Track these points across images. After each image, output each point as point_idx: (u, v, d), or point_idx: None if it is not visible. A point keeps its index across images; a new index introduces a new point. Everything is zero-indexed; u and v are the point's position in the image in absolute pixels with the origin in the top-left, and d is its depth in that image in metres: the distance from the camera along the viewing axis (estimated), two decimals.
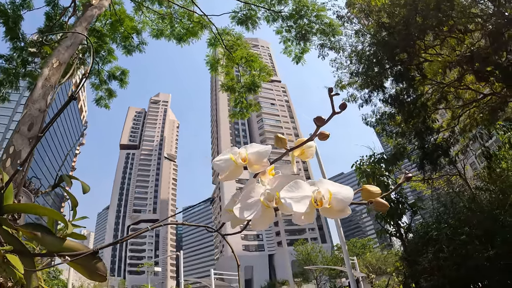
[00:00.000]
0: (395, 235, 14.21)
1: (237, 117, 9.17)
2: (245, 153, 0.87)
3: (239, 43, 8.43)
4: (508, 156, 13.94)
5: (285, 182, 0.80)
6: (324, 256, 51.60)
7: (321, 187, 0.77)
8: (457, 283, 9.36)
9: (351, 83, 15.23)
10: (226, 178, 0.90)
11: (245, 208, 0.81)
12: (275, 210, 0.83)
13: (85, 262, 0.96)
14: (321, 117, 0.83)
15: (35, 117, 2.90)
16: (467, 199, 12.29)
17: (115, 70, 9.13)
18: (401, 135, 15.17)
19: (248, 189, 0.85)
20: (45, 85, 3.10)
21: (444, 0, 10.53)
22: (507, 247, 9.06)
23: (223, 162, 0.89)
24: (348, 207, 0.77)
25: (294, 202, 0.75)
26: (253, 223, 0.83)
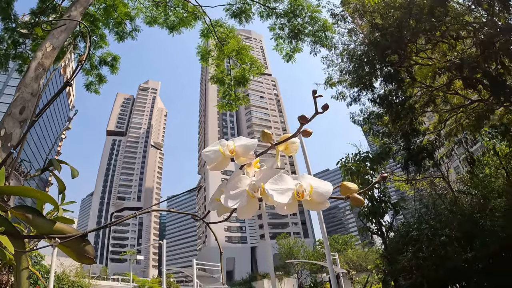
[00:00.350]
0: (376, 233, 14.39)
1: (225, 109, 9.17)
2: (232, 145, 0.93)
3: (231, 36, 8.41)
4: (492, 162, 14.20)
5: (270, 175, 0.87)
6: (306, 251, 52.04)
7: (303, 181, 0.83)
8: (435, 283, 9.57)
9: (341, 81, 15.32)
10: (214, 168, 0.96)
11: (231, 198, 0.87)
12: (259, 201, 0.88)
13: (74, 245, 0.97)
14: (305, 116, 0.89)
15: (27, 101, 2.89)
16: (449, 202, 12.52)
17: (106, 56, 9.02)
18: (388, 135, 15.36)
19: (235, 180, 0.90)
20: (38, 69, 3.08)
21: (438, 5, 10.63)
22: (486, 251, 9.30)
23: (212, 153, 0.95)
24: (327, 200, 0.84)
25: (277, 193, 0.81)
26: (238, 212, 0.88)
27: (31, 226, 1.01)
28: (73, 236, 0.96)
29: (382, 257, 13.87)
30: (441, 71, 11.32)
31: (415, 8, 11.05)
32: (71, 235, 0.97)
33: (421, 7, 10.99)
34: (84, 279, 30.24)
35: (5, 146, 2.60)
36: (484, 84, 10.88)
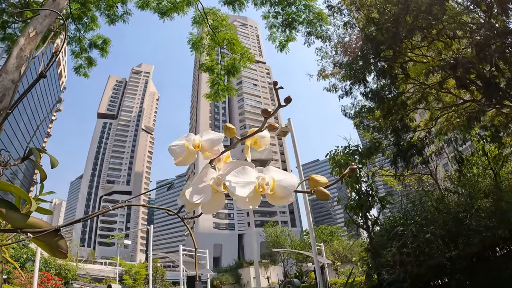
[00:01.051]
0: (362, 226, 14.51)
1: (212, 99, 9.09)
2: (198, 140, 0.91)
3: (224, 24, 8.29)
4: (480, 162, 14.32)
5: (235, 168, 0.83)
6: (292, 240, 52.46)
7: (267, 174, 0.80)
8: (417, 278, 9.70)
9: (334, 73, 15.28)
10: (180, 163, 0.95)
11: (195, 192, 0.84)
12: (226, 196, 0.87)
13: (47, 239, 0.96)
14: (267, 110, 0.88)
15: (7, 88, 2.80)
16: (436, 199, 12.62)
17: (96, 39, 8.85)
18: (378, 130, 15.40)
19: (201, 174, 0.88)
20: (20, 55, 2.99)
21: (437, 4, 10.57)
22: (469, 250, 9.44)
23: (178, 148, 0.93)
24: (291, 194, 0.80)
25: (238, 186, 0.78)
26: (203, 208, 0.87)
27: (5, 220, 1.00)
28: (45, 231, 0.94)
29: (366, 251, 14.01)
30: (435, 69, 11.30)
31: (412, 5, 10.98)
32: (43, 229, 0.95)
33: (419, 4, 10.92)
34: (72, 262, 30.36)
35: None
36: (477, 85, 10.91)
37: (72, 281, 26.26)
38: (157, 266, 34.09)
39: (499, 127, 13.92)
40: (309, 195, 0.85)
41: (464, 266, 9.81)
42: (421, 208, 12.34)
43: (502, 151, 14.05)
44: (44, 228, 0.95)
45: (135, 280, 30.04)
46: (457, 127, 14.34)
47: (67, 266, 26.56)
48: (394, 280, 10.45)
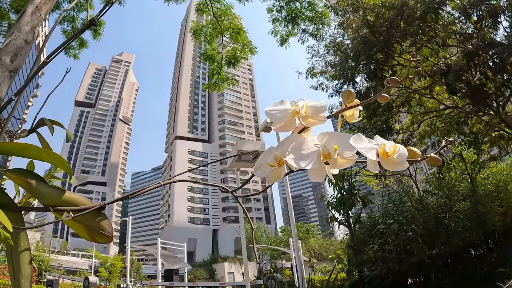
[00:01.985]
0: (344, 223, 14.75)
1: (211, 89, 9.08)
2: (303, 104, 0.87)
3: (228, 13, 8.31)
4: (458, 167, 14.77)
5: (339, 138, 0.85)
6: (268, 237, 52.78)
7: (385, 142, 0.84)
8: (398, 275, 10.01)
9: (323, 72, 15.52)
10: (280, 129, 0.91)
11: (300, 158, 0.83)
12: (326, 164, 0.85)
13: (87, 220, 0.81)
14: (396, 79, 0.88)
15: (20, 48, 2.46)
16: (415, 200, 12.99)
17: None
18: (363, 130, 15.72)
19: (298, 142, 0.86)
20: (35, 14, 2.64)
21: (431, 12, 10.92)
22: (447, 249, 9.85)
23: (280, 112, 0.89)
24: (405, 161, 0.84)
25: (364, 151, 0.82)
26: (311, 173, 0.85)
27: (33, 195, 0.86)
28: (89, 208, 0.79)
29: (348, 247, 14.28)
30: (426, 74, 11.69)
31: (408, 11, 11.31)
32: (87, 207, 0.80)
33: (413, 11, 11.25)
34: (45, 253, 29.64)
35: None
36: (464, 92, 11.34)
37: (45, 272, 25.65)
38: (132, 259, 33.72)
39: (478, 134, 14.47)
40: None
41: (443, 264, 10.21)
42: (401, 208, 12.65)
43: (479, 157, 14.58)
44: (87, 206, 0.80)
45: (110, 273, 29.63)
46: (441, 131, 14.83)
47: (40, 257, 25.94)
48: (375, 277, 10.74)
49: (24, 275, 0.77)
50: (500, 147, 15.86)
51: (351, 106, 0.95)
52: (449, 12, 12.78)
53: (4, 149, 0.82)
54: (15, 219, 0.75)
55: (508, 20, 11.85)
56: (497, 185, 12.32)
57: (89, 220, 0.80)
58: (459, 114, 13.44)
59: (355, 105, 0.95)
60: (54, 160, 0.84)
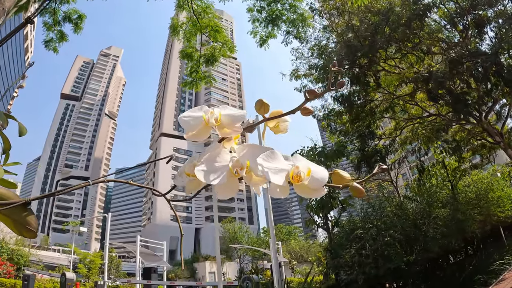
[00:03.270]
0: (322, 227, 14.75)
1: (189, 87, 8.97)
2: (219, 113, 0.81)
3: (208, 12, 8.21)
4: (439, 173, 14.90)
5: (256, 152, 0.76)
6: (250, 237, 52.83)
7: (299, 163, 0.74)
8: (374, 280, 10.03)
9: (307, 74, 15.55)
10: (192, 137, 0.84)
11: (211, 172, 0.74)
12: (239, 180, 0.77)
13: (14, 215, 0.83)
14: (314, 91, 0.82)
15: None
16: (395, 205, 13.05)
17: (72, 13, 8.49)
18: (345, 134, 15.79)
19: (214, 153, 0.78)
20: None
21: (416, 19, 10.96)
22: (425, 255, 9.90)
23: (192, 120, 0.82)
24: (323, 187, 0.75)
25: (272, 173, 0.71)
26: (219, 190, 0.76)
27: None
28: (14, 203, 0.81)
29: (325, 251, 14.28)
30: (408, 80, 11.74)
31: (393, 17, 11.33)
32: (11, 201, 0.82)
33: (399, 17, 11.28)
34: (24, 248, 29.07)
35: None
36: (445, 100, 11.41)
37: (24, 267, 25.14)
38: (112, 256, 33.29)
39: (460, 142, 14.62)
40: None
41: (420, 270, 10.26)
42: (380, 212, 12.71)
43: (461, 165, 14.74)
44: (12, 200, 0.82)
45: (89, 269, 29.23)
46: (422, 138, 14.95)
47: (19, 251, 25.43)
48: (351, 281, 10.74)
49: None
50: (482, 156, 16.06)
51: (269, 118, 0.86)
52: (435, 20, 12.88)
53: None
54: None
55: (493, 30, 12.00)
56: (477, 193, 12.43)
57: (16, 214, 0.83)
58: (442, 122, 13.55)
59: (273, 117, 0.87)
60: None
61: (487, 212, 11.48)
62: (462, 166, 14.81)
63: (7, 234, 26.64)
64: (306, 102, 0.83)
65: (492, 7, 10.95)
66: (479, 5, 10.90)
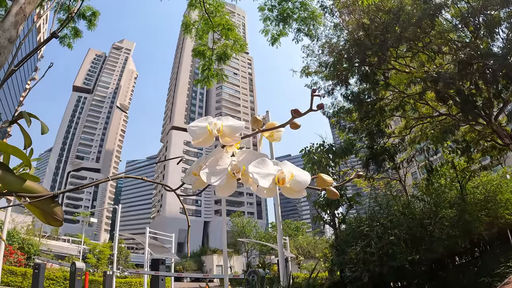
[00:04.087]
0: (329, 223, 14.77)
1: (202, 85, 9.07)
2: (221, 124, 0.93)
3: (220, 10, 8.28)
4: (448, 174, 14.79)
5: (252, 158, 0.90)
6: (258, 232, 53.03)
7: (285, 168, 0.87)
8: (378, 278, 10.06)
9: (317, 71, 15.52)
10: (198, 144, 0.97)
11: (212, 174, 0.89)
12: (237, 181, 0.91)
13: (43, 206, 0.95)
14: (298, 110, 0.92)
15: (3, 47, 2.60)
16: (402, 204, 13.00)
17: (86, 10, 8.65)
18: (354, 131, 15.76)
19: (216, 157, 0.93)
20: (19, 14, 2.85)
21: (426, 18, 10.87)
22: (430, 255, 9.88)
23: (199, 129, 0.95)
24: (304, 189, 0.88)
25: (260, 177, 0.85)
26: (218, 189, 0.91)
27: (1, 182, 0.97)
28: (43, 196, 0.93)
29: (331, 247, 14.32)
30: (417, 80, 11.68)
31: (403, 16, 11.26)
32: (41, 194, 0.94)
33: (409, 16, 11.21)
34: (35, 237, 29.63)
35: None
36: (455, 100, 11.33)
37: (35, 256, 25.64)
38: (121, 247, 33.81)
39: (470, 143, 14.50)
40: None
41: (424, 270, 10.26)
42: (387, 211, 12.68)
43: (470, 165, 14.62)
44: (43, 193, 0.94)
45: (98, 260, 29.73)
46: (431, 138, 14.86)
47: (30, 240, 25.91)
48: (356, 278, 10.78)
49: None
50: (492, 157, 15.91)
51: (263, 130, 0.99)
52: (447, 19, 12.75)
53: None
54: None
55: (505, 31, 11.84)
56: (486, 195, 12.32)
57: (44, 205, 0.95)
58: (451, 122, 13.46)
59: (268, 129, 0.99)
60: (17, 154, 1.02)
61: (495, 214, 11.39)
62: (471, 167, 14.70)
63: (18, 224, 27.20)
64: (293, 119, 0.94)
65: (505, 7, 10.80)
66: (491, 5, 10.78)
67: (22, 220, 29.94)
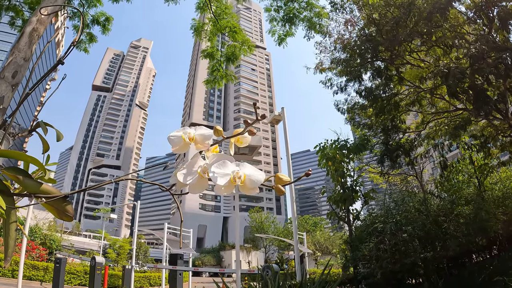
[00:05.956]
0: (344, 219, 14.73)
1: (211, 85, 9.22)
2: (193, 134, 1.11)
3: (227, 12, 8.38)
4: (467, 170, 14.52)
5: (215, 161, 1.07)
6: (276, 227, 53.17)
7: (241, 170, 1.02)
8: (391, 275, 10.01)
9: (331, 68, 15.44)
10: (176, 151, 1.15)
11: (187, 175, 1.07)
12: (209, 180, 1.05)
13: (56, 204, 1.13)
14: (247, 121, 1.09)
15: (19, 66, 2.96)
16: (418, 201, 12.84)
17: (99, 15, 8.88)
18: (369, 127, 15.63)
19: (193, 161, 1.10)
20: (32, 34, 3.13)
21: (438, 12, 10.66)
22: (444, 252, 9.77)
23: (176, 138, 1.12)
24: (257, 187, 1.02)
25: (219, 176, 0.99)
26: (190, 187, 1.08)
27: (20, 186, 1.15)
28: (57, 196, 1.11)
29: (345, 243, 14.30)
30: (428, 76, 11.50)
31: (414, 10, 11.09)
32: (55, 195, 1.12)
33: (421, 10, 11.03)
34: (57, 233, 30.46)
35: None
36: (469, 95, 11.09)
37: (56, 251, 26.38)
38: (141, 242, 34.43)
39: (488, 138, 14.21)
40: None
41: (438, 268, 10.15)
42: (402, 207, 12.56)
43: (489, 161, 14.32)
44: (55, 194, 1.13)
45: (118, 254, 30.36)
46: (445, 134, 14.62)
47: (52, 236, 26.65)
48: (368, 274, 10.77)
49: (11, 236, 1.13)
50: (511, 153, 15.55)
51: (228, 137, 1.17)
52: (461, 12, 12.48)
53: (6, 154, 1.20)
54: (8, 201, 1.08)
55: None
56: (504, 191, 12.06)
57: (58, 204, 1.14)
58: (466, 117, 13.20)
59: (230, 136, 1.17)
60: (32, 161, 1.18)
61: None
62: (490, 163, 14.37)
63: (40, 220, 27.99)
64: (246, 129, 1.12)
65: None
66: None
67: (44, 217, 30.84)
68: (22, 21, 8.47)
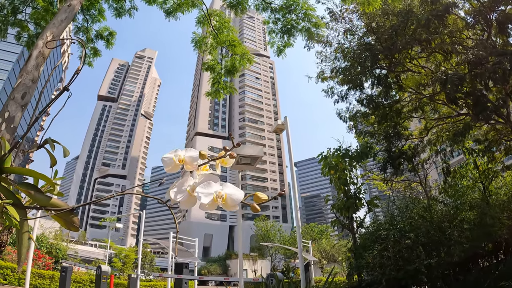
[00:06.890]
0: (347, 227, 14.70)
1: (213, 97, 9.38)
2: (182, 156, 1.25)
3: (227, 26, 8.54)
4: (471, 175, 14.44)
5: (206, 180, 1.19)
6: (282, 235, 52.83)
7: (224, 189, 1.14)
8: (394, 282, 9.96)
9: (332, 77, 15.54)
10: (169, 171, 1.28)
11: (178, 193, 1.20)
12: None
13: (64, 216, 1.25)
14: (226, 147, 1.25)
15: (28, 87, 3.19)
16: (422, 207, 12.80)
17: (103, 30, 9.08)
18: (371, 135, 15.65)
19: (183, 179, 1.23)
20: (39, 57, 3.34)
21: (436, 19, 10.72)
22: (448, 259, 9.71)
23: (168, 160, 1.24)
24: (237, 205, 1.15)
25: (203, 196, 1.12)
26: (180, 204, 1.20)
27: (32, 199, 1.27)
28: (65, 209, 1.23)
29: (349, 251, 14.25)
30: (427, 83, 11.55)
31: (412, 18, 11.17)
32: (63, 208, 1.23)
33: (418, 18, 11.10)
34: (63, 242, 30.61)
35: (8, 127, 2.97)
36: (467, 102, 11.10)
37: (62, 260, 26.47)
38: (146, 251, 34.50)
39: (492, 142, 14.17)
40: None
41: (443, 274, 10.09)
42: (406, 214, 12.50)
43: (493, 165, 14.25)
44: (63, 207, 1.24)
45: (124, 263, 30.44)
46: (446, 140, 14.61)
47: (58, 245, 26.74)
48: (372, 282, 10.74)
49: (24, 245, 1.23)
50: None
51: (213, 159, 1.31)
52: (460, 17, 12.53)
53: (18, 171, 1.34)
54: (21, 213, 1.20)
55: None
56: (509, 196, 11.97)
57: (65, 216, 1.26)
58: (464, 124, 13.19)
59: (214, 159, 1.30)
60: (44, 179, 1.34)
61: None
62: (494, 167, 14.29)
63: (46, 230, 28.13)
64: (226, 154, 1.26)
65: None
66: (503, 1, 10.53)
67: (50, 226, 31.03)
68: (28, 36, 8.66)
